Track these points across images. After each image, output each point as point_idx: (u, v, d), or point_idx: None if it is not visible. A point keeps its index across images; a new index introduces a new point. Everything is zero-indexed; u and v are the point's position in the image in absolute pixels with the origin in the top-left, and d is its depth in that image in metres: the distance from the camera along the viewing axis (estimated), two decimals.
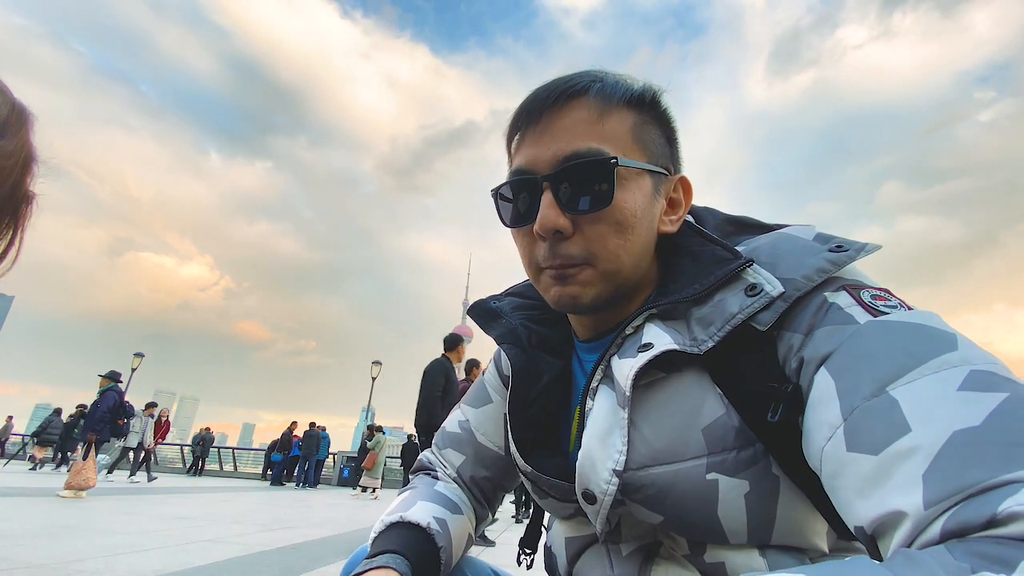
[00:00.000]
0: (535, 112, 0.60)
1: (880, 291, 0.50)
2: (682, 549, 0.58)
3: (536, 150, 0.59)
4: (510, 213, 0.63)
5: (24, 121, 0.53)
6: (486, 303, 0.80)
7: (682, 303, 0.57)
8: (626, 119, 0.60)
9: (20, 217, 0.53)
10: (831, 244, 0.54)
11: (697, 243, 0.63)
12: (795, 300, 0.51)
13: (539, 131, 0.60)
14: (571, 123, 0.58)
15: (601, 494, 0.56)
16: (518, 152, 0.62)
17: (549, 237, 0.58)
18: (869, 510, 0.38)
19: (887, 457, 0.38)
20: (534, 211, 0.59)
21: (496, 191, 0.65)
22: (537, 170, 0.59)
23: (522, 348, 0.71)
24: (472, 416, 0.84)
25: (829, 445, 0.43)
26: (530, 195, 0.60)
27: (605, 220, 0.57)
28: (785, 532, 0.53)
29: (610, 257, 0.58)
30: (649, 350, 0.54)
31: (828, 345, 0.47)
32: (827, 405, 0.44)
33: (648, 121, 0.62)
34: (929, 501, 0.34)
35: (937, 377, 0.40)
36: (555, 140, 0.58)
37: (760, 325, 0.51)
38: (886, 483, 0.37)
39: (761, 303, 0.51)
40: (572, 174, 0.57)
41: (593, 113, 0.59)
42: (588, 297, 0.60)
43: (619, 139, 0.59)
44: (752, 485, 0.51)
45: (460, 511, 0.75)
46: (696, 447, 0.53)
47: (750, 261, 0.55)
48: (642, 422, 0.56)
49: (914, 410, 0.38)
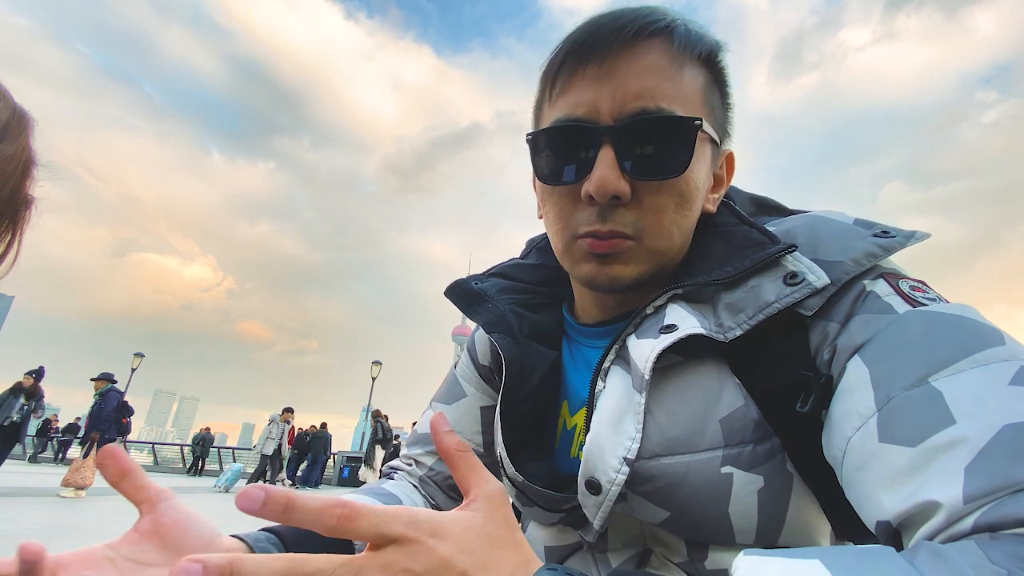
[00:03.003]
0: (599, 47, 0.50)
1: (918, 282, 0.47)
2: (678, 556, 0.54)
3: (596, 95, 0.50)
4: (549, 167, 0.54)
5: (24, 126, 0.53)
6: (467, 283, 0.69)
7: (711, 285, 0.51)
8: (699, 76, 0.52)
9: (19, 221, 0.53)
10: (875, 229, 0.49)
11: (729, 222, 0.56)
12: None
13: (603, 72, 0.50)
14: (646, 68, 0.49)
15: (608, 483, 0.50)
16: (567, 92, 0.52)
17: (604, 202, 0.50)
18: (898, 503, 0.35)
19: (926, 449, 0.35)
20: (586, 168, 0.50)
21: (534, 136, 0.55)
22: (597, 119, 0.50)
23: (514, 338, 0.63)
24: (445, 412, 0.75)
25: (858, 435, 0.40)
26: (583, 149, 0.51)
27: (669, 191, 0.50)
28: (793, 532, 0.50)
29: (663, 233, 0.52)
30: (673, 332, 0.49)
31: (864, 334, 0.44)
32: (859, 394, 0.41)
33: (714, 82, 0.55)
34: (969, 495, 0.31)
35: (986, 370, 0.36)
36: (623, 86, 0.49)
37: (806, 311, 0.47)
38: (922, 475, 0.34)
39: (802, 293, 0.47)
40: (645, 131, 0.49)
41: (673, 62, 0.50)
42: (630, 278, 0.53)
43: (693, 98, 0.51)
44: (766, 482, 0.48)
45: (400, 502, 0.65)
46: (712, 438, 0.49)
47: (792, 247, 0.49)
48: (656, 408, 0.51)
49: (960, 402, 0.35)
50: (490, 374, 0.74)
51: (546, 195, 0.56)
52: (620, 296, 0.59)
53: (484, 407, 0.75)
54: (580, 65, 0.51)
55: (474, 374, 0.76)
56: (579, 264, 0.55)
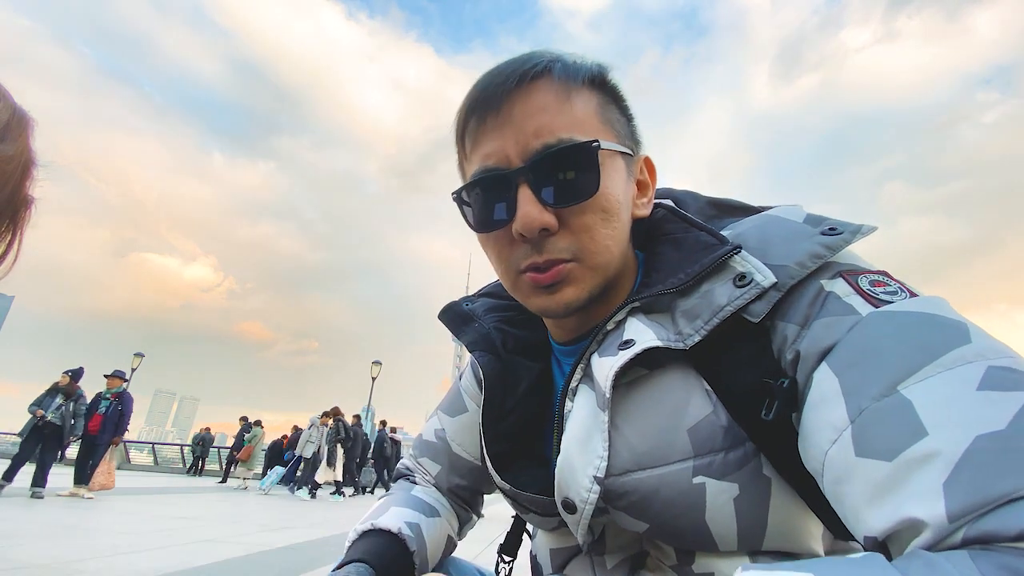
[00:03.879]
0: (493, 99, 0.53)
1: (878, 274, 0.47)
2: (670, 559, 0.55)
3: (502, 142, 0.53)
4: (478, 217, 0.57)
5: (24, 126, 0.53)
6: (458, 306, 0.74)
7: (666, 295, 0.53)
8: (590, 99, 0.55)
9: (19, 221, 0.54)
10: (823, 226, 0.50)
11: (680, 228, 0.58)
12: (789, 289, 0.47)
13: (501, 120, 0.53)
14: (537, 108, 0.53)
15: (582, 503, 0.52)
16: (478, 146, 0.55)
17: (534, 236, 0.52)
18: (882, 520, 0.35)
19: (902, 463, 0.35)
20: (510, 211, 0.53)
21: (458, 195, 0.58)
22: (507, 165, 0.53)
23: (496, 355, 0.66)
24: (448, 425, 0.80)
25: (834, 449, 0.39)
26: (502, 193, 0.54)
27: (591, 210, 0.53)
28: (778, 536, 0.50)
29: (599, 249, 0.54)
30: (630, 347, 0.50)
31: (827, 339, 0.43)
32: (831, 405, 0.41)
33: (608, 101, 0.58)
34: (952, 513, 0.31)
35: (952, 374, 0.36)
36: (523, 129, 0.52)
37: (752, 316, 0.48)
38: (902, 491, 0.34)
39: (752, 294, 0.47)
40: (551, 164, 0.52)
41: (559, 95, 0.53)
42: (580, 299, 0.55)
43: (589, 122, 0.54)
44: (742, 488, 0.48)
45: (437, 514, 0.73)
46: (682, 449, 0.49)
47: (737, 247, 0.50)
48: (624, 424, 0.52)
49: (930, 412, 0.35)
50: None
51: (484, 243, 0.59)
52: (577, 317, 0.60)
53: None
54: (480, 120, 0.55)
55: (475, 389, 0.79)
56: (529, 299, 0.57)
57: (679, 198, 0.66)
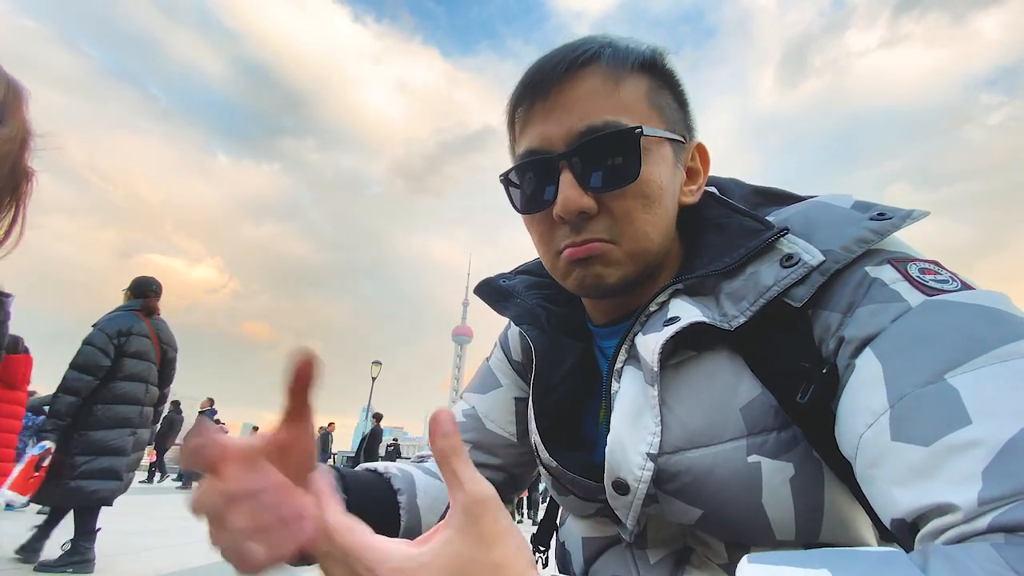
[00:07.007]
0: (542, 85, 0.54)
1: (929, 263, 0.45)
2: (719, 557, 0.52)
3: (547, 127, 0.54)
4: (523, 198, 0.58)
5: (20, 99, 0.53)
6: (496, 281, 0.73)
7: (711, 277, 0.52)
8: (640, 85, 0.55)
9: (21, 194, 0.53)
10: (872, 212, 0.48)
11: (723, 215, 0.58)
12: (833, 275, 0.46)
13: (549, 106, 0.54)
14: (584, 94, 0.53)
15: (635, 481, 0.49)
16: (526, 131, 0.57)
17: (573, 219, 0.53)
18: (912, 501, 0.34)
19: (940, 449, 0.33)
20: (552, 193, 0.54)
21: (505, 176, 0.59)
22: (552, 148, 0.54)
23: (543, 329, 0.65)
24: (478, 402, 0.76)
25: (870, 432, 0.38)
26: (546, 177, 0.55)
27: (632, 195, 0.53)
28: (834, 525, 0.48)
29: (638, 235, 0.54)
30: (676, 323, 0.49)
31: (872, 326, 0.42)
32: (870, 390, 0.40)
33: (661, 86, 0.57)
34: (985, 499, 0.30)
35: (1005, 367, 0.35)
36: (568, 114, 0.53)
37: (794, 301, 0.46)
38: (937, 476, 0.33)
39: (799, 274, 0.46)
40: (593, 149, 0.52)
41: (607, 81, 0.54)
42: (614, 278, 0.55)
43: (636, 107, 0.54)
44: (797, 469, 0.46)
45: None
46: (735, 427, 0.48)
47: (785, 230, 0.50)
48: (674, 402, 0.50)
49: (976, 402, 0.34)
50: (523, 369, 0.75)
51: (528, 224, 0.60)
52: (615, 300, 0.60)
53: (518, 398, 0.76)
54: (529, 106, 0.56)
55: (507, 367, 0.77)
56: (566, 276, 0.57)
57: (724, 185, 0.65)
